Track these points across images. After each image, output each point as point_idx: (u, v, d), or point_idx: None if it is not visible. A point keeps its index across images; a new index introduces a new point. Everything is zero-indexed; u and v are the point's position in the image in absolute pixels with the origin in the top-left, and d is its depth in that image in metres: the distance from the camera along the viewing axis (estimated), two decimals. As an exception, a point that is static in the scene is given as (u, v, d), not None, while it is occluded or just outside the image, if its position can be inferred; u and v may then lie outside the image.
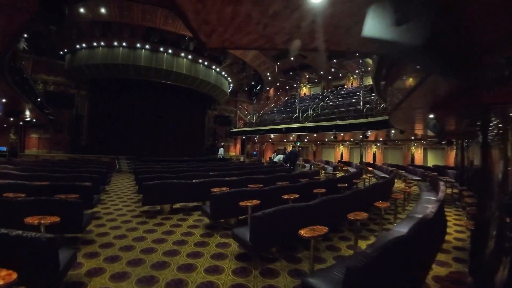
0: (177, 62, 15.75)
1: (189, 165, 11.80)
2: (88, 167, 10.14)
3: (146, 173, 8.40)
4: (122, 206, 6.46)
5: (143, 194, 5.91)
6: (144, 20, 11.72)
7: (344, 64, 21.67)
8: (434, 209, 4.29)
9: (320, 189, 6.26)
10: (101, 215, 5.54)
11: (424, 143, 17.60)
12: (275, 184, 7.32)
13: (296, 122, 19.82)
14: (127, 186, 9.80)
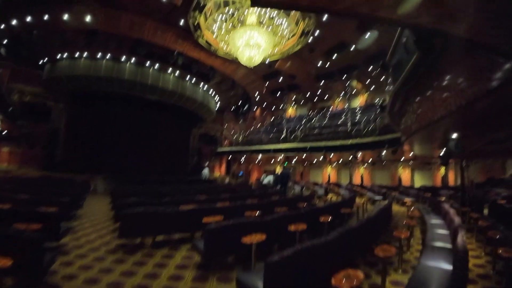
0: (164, 78, 15.09)
1: (173, 187, 10.78)
2: (59, 187, 8.93)
3: (125, 197, 7.39)
4: (95, 237, 5.44)
5: (120, 224, 4.96)
6: (132, 31, 11.16)
7: (330, 86, 22.03)
8: (461, 238, 3.81)
9: (325, 216, 5.65)
10: (69, 249, 4.55)
11: (411, 163, 17.75)
12: (273, 210, 6.65)
13: (284, 142, 19.46)
14: (102, 210, 8.64)
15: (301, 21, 10.36)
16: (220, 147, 23.55)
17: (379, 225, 6.21)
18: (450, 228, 5.31)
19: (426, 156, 11.94)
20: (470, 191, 7.73)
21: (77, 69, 13.69)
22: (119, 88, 14.60)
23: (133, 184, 11.48)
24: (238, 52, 10.35)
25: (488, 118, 2.75)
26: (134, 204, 6.10)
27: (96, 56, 13.59)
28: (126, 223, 4.85)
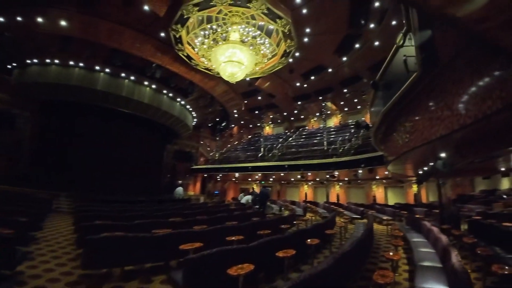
0: (139, 90, 14.41)
1: (145, 208, 9.89)
2: (18, 204, 7.81)
3: (90, 218, 6.55)
4: (55, 265, 4.65)
5: (84, 252, 4.26)
6: (109, 40, 10.56)
7: (306, 106, 22.68)
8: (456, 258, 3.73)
9: (312, 239, 5.38)
10: (25, 279, 3.81)
11: (385, 182, 18.37)
12: (256, 234, 6.23)
13: (262, 160, 19.29)
14: (64, 233, 7.58)
15: (282, 42, 10.59)
16: (195, 165, 22.70)
17: (366, 246, 6.06)
18: (436, 247, 5.29)
19: (401, 174, 12.37)
20: (448, 208, 7.96)
21: (48, 76, 12.68)
22: (90, 98, 13.68)
23: (101, 204, 10.37)
24: (220, 67, 10.21)
25: (489, 137, 2.74)
26: (101, 228, 5.38)
27: (69, 63, 12.73)
28: (90, 250, 4.17)
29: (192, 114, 19.91)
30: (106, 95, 13.55)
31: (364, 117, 23.12)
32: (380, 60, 13.61)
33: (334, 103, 21.65)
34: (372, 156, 12.64)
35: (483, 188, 16.11)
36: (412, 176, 12.58)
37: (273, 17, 9.16)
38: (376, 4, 9.43)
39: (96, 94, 13.39)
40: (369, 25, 10.60)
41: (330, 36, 11.33)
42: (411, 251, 5.74)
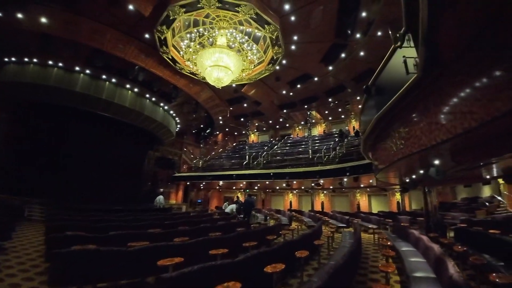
0: (120, 94, 13.76)
1: (122, 217, 9.22)
2: None
3: (61, 229, 5.98)
4: (21, 280, 4.16)
5: (51, 268, 3.80)
6: (91, 39, 10.00)
7: (291, 115, 22.79)
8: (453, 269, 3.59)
9: (301, 251, 5.12)
10: None
11: (369, 190, 18.60)
12: (242, 246, 5.89)
13: (247, 168, 18.96)
14: (35, 244, 6.95)
15: (270, 49, 10.53)
16: (178, 172, 21.93)
17: (356, 257, 5.86)
18: (427, 257, 5.19)
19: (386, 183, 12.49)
20: (434, 216, 8.00)
21: (24, 76, 11.86)
22: (69, 100, 12.91)
23: (75, 212, 9.61)
24: (206, 71, 9.93)
25: (490, 142, 2.64)
26: (72, 239, 4.87)
27: (48, 63, 11.99)
28: (58, 265, 3.70)
29: (176, 120, 19.35)
30: (85, 98, 12.82)
31: (347, 126, 23.59)
32: (365, 71, 14.00)
33: (319, 112, 21.92)
34: (358, 164, 12.73)
35: (464, 196, 16.65)
36: (395, 184, 12.73)
37: (262, 23, 9.08)
38: (363, 14, 9.61)
39: (74, 96, 12.65)
40: (355, 35, 10.80)
41: (317, 45, 11.43)
42: (401, 261, 5.61)
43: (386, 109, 3.57)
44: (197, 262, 3.46)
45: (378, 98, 4.13)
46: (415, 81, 2.80)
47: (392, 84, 3.68)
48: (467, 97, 2.38)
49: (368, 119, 5.10)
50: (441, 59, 2.38)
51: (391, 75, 3.73)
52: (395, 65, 3.58)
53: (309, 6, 8.91)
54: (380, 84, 4.05)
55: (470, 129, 2.35)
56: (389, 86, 3.78)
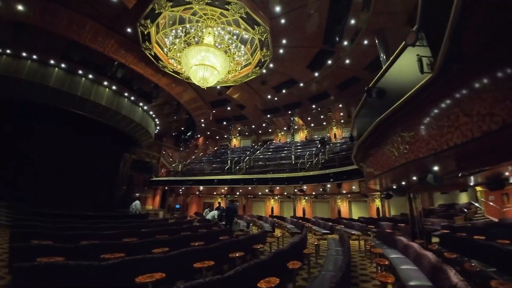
0: (97, 91, 12.81)
1: (95, 225, 8.38)
2: None
3: (27, 237, 5.34)
4: None
5: (13, 282, 3.27)
6: (69, 31, 9.14)
7: (274, 120, 22.76)
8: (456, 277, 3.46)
9: (294, 262, 4.83)
10: None
11: (349, 196, 18.85)
12: (228, 257, 5.49)
13: (229, 173, 18.49)
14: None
15: (258, 51, 10.32)
16: (155, 176, 20.88)
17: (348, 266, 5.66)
18: (419, 264, 5.10)
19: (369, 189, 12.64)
20: (420, 222, 8.09)
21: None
22: (41, 96, 11.79)
23: (44, 218, 8.65)
24: (191, 70, 9.47)
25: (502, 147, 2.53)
26: (37, 250, 4.27)
27: (21, 54, 10.94)
28: (21, 280, 3.11)
29: (155, 121, 18.49)
30: (59, 94, 11.79)
31: (328, 133, 24.00)
32: (349, 79, 14.26)
33: (302, 118, 22.06)
34: (341, 170, 12.80)
35: (442, 202, 17.33)
36: (377, 190, 12.94)
37: (251, 23, 8.86)
38: (352, 22, 9.74)
39: (47, 91, 11.58)
40: (343, 42, 10.93)
41: (305, 50, 11.43)
42: (392, 269, 5.50)
43: (390, 112, 3.42)
44: (180, 277, 3.04)
45: (378, 101, 4.00)
46: (429, 81, 2.64)
47: (397, 86, 3.54)
48: (487, 98, 2.24)
49: (364, 123, 4.98)
50: (463, 55, 2.22)
51: (397, 77, 3.60)
52: (400, 67, 3.45)
53: (300, 9, 8.85)
54: (383, 86, 3.92)
55: (490, 132, 2.20)
56: (393, 88, 3.65)
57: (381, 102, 4.01)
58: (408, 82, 3.18)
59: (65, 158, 14.24)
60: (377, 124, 3.91)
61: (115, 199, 16.97)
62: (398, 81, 3.57)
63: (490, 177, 5.45)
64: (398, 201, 17.11)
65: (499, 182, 7.48)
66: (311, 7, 8.90)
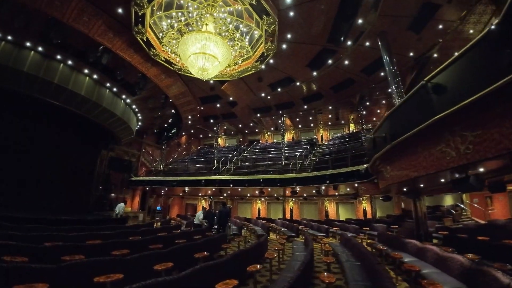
0: (76, 79, 11.32)
1: (72, 233, 7.15)
2: None
3: None
4: None
5: None
6: (50, 7, 7.77)
7: (262, 120, 22.23)
8: (507, 279, 3.12)
9: (329, 276, 4.27)
10: None
11: (337, 198, 18.83)
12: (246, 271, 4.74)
13: (216, 174, 17.58)
14: None
15: (261, 44, 9.70)
16: (135, 176, 19.31)
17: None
18: (445, 267, 4.84)
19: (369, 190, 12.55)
20: (424, 224, 7.95)
21: None
22: (13, 82, 10.17)
23: (5, 223, 7.27)
24: (189, 60, 8.57)
25: None
26: None
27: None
28: None
29: (138, 116, 17.05)
30: (33, 80, 10.20)
31: (315, 135, 23.98)
32: (345, 80, 14.13)
33: (291, 119, 21.76)
34: (339, 172, 12.57)
35: (427, 204, 17.82)
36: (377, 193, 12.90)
37: (260, 12, 8.21)
38: (359, 21, 9.48)
39: (20, 76, 9.99)
40: (347, 42, 10.68)
41: (308, 47, 11.02)
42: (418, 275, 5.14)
43: (453, 111, 3.00)
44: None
45: (431, 96, 3.60)
46: None
47: (462, 82, 3.12)
48: None
49: (402, 122, 4.55)
50: None
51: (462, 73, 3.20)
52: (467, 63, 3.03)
53: (311, 3, 8.38)
54: (442, 80, 3.52)
55: None
56: (457, 83, 3.25)
57: (440, 98, 3.60)
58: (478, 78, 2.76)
59: (36, 154, 12.50)
60: (431, 123, 3.50)
61: (91, 201, 15.31)
62: (463, 78, 3.18)
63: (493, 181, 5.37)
64: (383, 203, 17.40)
65: (501, 185, 7.62)
66: (322, 2, 8.47)
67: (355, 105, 17.55)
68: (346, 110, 19.80)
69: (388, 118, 5.68)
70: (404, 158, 5.03)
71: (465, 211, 14.29)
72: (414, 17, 9.53)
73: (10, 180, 11.52)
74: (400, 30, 10.13)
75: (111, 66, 11.35)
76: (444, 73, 3.89)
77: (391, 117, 5.51)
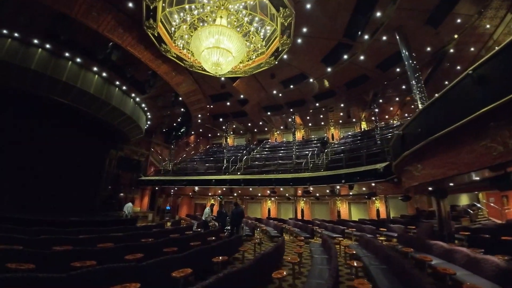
0: (85, 77, 11.15)
1: (79, 236, 6.86)
2: None
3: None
4: None
5: None
6: (57, 2, 7.56)
7: (272, 118, 21.83)
8: None
9: (360, 281, 3.88)
10: None
11: (349, 198, 18.32)
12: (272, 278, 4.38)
13: (226, 173, 17.28)
14: None
15: (277, 37, 9.30)
16: (144, 175, 19.16)
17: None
18: (477, 270, 4.46)
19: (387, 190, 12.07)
20: (447, 224, 7.47)
21: None
22: (19, 80, 10.00)
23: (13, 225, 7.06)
24: (202, 55, 8.24)
25: None
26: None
27: (1, 32, 9.23)
28: None
29: (147, 115, 16.86)
30: (40, 78, 10.03)
31: (326, 133, 23.45)
32: (359, 76, 13.66)
33: (301, 117, 21.30)
34: (355, 171, 12.10)
35: None
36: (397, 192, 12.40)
37: (277, 4, 7.83)
38: (377, 14, 9.03)
39: (27, 74, 9.82)
40: (364, 36, 10.23)
41: (323, 42, 10.60)
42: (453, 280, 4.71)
43: (505, 101, 2.57)
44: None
45: (475, 88, 3.20)
46: None
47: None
48: None
49: (438, 115, 4.13)
50: None
51: None
52: None
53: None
54: (488, 71, 3.12)
55: None
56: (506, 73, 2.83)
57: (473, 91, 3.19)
58: None
59: (46, 152, 12.38)
60: (476, 116, 3.10)
61: (99, 201, 15.18)
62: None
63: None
64: (396, 203, 16.90)
65: None
66: (341, -7, 8.06)
67: (368, 102, 17.00)
68: (358, 108, 19.27)
69: (422, 112, 5.24)
70: (440, 155, 4.61)
71: (481, 210, 13.67)
72: (432, 11, 9.08)
73: (16, 180, 11.35)
74: (418, 24, 9.73)
75: (120, 64, 11.13)
76: (490, 63, 3.49)
77: (426, 112, 5.07)
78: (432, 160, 5.04)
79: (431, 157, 5.07)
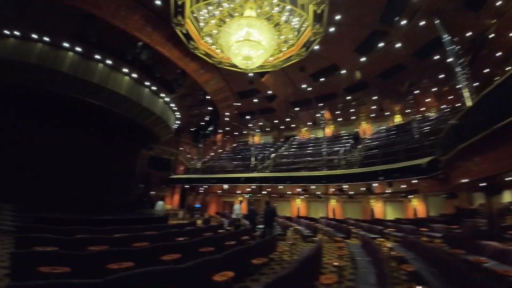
0: (115, 78, 11.45)
1: (114, 235, 6.86)
2: None
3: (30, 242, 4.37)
4: None
5: None
6: (86, 2, 7.73)
7: (299, 114, 21.17)
8: None
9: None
10: None
11: (384, 196, 17.20)
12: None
13: (255, 171, 17.04)
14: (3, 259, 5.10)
15: (308, 26, 8.78)
16: (174, 174, 19.57)
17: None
18: None
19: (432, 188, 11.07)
20: (498, 223, 6.55)
21: (2, 51, 9.45)
22: (50, 84, 10.40)
23: (51, 224, 7.31)
24: (231, 49, 7.99)
25: None
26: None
27: (30, 36, 9.63)
28: None
29: (176, 115, 17.11)
30: (71, 80, 10.39)
31: (357, 128, 22.27)
32: (394, 66, 12.65)
33: (330, 112, 20.41)
34: (394, 167, 11.21)
35: (481, 202, 15.55)
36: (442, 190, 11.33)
37: (309, -11, 7.33)
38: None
39: (58, 77, 10.21)
40: (401, 22, 9.35)
41: (357, 30, 9.87)
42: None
43: None
44: None
45: None
46: None
47: None
48: None
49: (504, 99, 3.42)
50: None
51: None
52: None
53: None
54: None
55: None
56: None
57: None
58: None
59: (78, 154, 12.90)
60: None
61: (132, 199, 15.68)
62: None
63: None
64: (435, 201, 15.54)
65: None
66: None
67: (403, 94, 15.78)
68: (392, 100, 18.00)
69: (484, 97, 4.47)
70: (507, 144, 3.88)
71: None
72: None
73: (51, 181, 11.75)
74: (457, 7, 8.73)
75: (150, 63, 11.25)
76: None
77: (490, 95, 4.31)
78: (492, 152, 4.31)
79: (493, 148, 4.34)
